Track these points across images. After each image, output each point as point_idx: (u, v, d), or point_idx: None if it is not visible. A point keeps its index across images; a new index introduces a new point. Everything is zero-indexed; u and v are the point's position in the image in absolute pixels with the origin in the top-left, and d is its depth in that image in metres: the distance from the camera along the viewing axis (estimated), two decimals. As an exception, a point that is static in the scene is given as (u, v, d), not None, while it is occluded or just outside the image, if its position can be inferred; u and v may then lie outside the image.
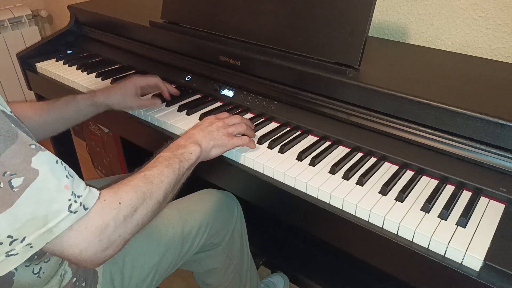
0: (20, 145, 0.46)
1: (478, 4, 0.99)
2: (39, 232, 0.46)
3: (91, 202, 0.51)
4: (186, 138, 0.73)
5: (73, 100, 0.89)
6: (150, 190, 0.59)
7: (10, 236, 0.45)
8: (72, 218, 0.48)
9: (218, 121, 0.78)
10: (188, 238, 0.87)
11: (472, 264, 0.57)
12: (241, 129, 0.80)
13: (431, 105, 0.72)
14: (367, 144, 0.79)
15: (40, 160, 0.47)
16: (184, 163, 0.68)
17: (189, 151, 0.70)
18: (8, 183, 0.44)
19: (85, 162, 1.99)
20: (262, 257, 1.39)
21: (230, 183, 0.87)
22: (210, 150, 0.74)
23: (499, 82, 0.83)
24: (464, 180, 0.69)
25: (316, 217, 0.73)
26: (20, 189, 0.45)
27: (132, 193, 0.57)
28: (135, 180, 0.59)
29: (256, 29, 0.95)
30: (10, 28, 2.05)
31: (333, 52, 0.85)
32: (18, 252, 0.46)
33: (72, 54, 1.34)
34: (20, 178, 0.45)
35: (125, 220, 0.54)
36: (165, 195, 0.62)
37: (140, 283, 0.80)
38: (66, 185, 0.49)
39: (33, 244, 0.47)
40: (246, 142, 0.79)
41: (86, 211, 0.50)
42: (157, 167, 0.64)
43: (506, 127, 0.66)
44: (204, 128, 0.76)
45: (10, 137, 0.46)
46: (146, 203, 0.58)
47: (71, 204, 0.48)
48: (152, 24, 1.15)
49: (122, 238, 0.54)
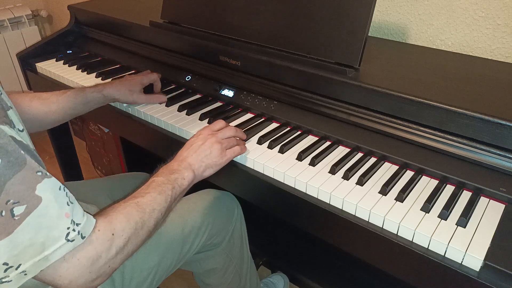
0: (27, 172, 0.46)
1: (478, 4, 0.99)
2: (35, 260, 0.46)
3: (88, 230, 0.51)
4: (179, 161, 0.72)
5: (82, 93, 0.91)
6: (143, 220, 0.59)
7: (5, 264, 0.45)
8: (68, 247, 0.48)
9: (211, 137, 0.76)
10: (188, 238, 0.87)
11: (472, 264, 0.57)
12: (233, 141, 0.79)
13: (431, 105, 0.72)
14: (367, 144, 0.79)
15: (44, 187, 0.47)
16: (177, 189, 0.68)
17: (182, 176, 0.70)
18: (10, 212, 0.44)
19: (85, 162, 1.98)
20: (262, 257, 1.39)
21: (230, 183, 0.87)
22: (202, 172, 0.74)
23: (499, 82, 0.83)
24: (464, 180, 0.69)
25: (316, 217, 0.73)
26: (21, 217, 0.45)
27: (125, 222, 0.56)
28: (128, 208, 0.59)
29: (256, 29, 0.95)
30: (10, 28, 2.05)
31: (333, 52, 0.85)
32: (11, 279, 0.46)
33: (72, 54, 1.34)
34: (23, 207, 0.45)
35: (116, 252, 0.54)
36: (156, 223, 0.62)
37: (141, 283, 0.80)
38: (67, 213, 0.49)
39: (27, 271, 0.47)
40: (238, 152, 0.78)
41: (83, 240, 0.50)
42: (150, 193, 0.63)
43: (506, 127, 0.66)
44: (197, 148, 0.74)
45: (19, 163, 0.46)
46: (137, 233, 0.58)
47: (69, 233, 0.48)
48: (152, 24, 1.15)
49: (111, 268, 0.54)
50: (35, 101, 0.87)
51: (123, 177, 1.08)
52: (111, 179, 1.05)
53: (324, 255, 1.36)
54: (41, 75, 1.27)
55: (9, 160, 0.45)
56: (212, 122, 0.91)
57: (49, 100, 0.88)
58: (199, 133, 0.78)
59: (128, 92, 0.96)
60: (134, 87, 0.97)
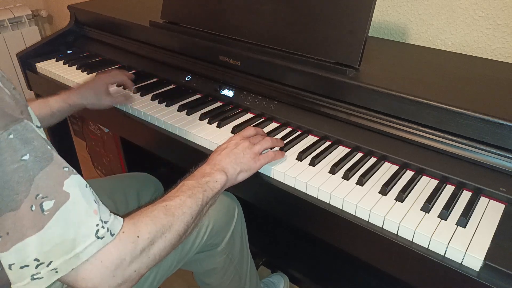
0: (54, 167, 0.46)
1: (478, 4, 0.99)
2: (66, 258, 0.46)
3: (117, 228, 0.50)
4: (212, 165, 0.70)
5: (46, 104, 0.89)
6: (171, 223, 0.57)
7: (36, 260, 0.45)
8: (98, 244, 0.47)
9: (244, 141, 0.75)
10: (188, 238, 0.87)
11: (472, 264, 0.57)
12: (267, 144, 0.77)
13: (431, 105, 0.72)
14: (367, 144, 0.79)
15: (72, 183, 0.47)
16: (209, 193, 0.65)
17: (215, 179, 0.67)
18: (40, 206, 0.44)
19: (85, 162, 1.98)
20: (262, 257, 1.39)
21: (230, 183, 0.87)
22: (236, 176, 0.71)
23: (499, 82, 0.83)
24: (464, 180, 0.69)
25: (316, 217, 0.73)
26: (51, 212, 0.45)
27: (151, 225, 0.54)
28: (156, 211, 0.57)
29: (256, 29, 0.95)
30: (10, 28, 2.05)
31: (333, 52, 0.85)
32: (43, 276, 0.46)
33: (72, 54, 1.34)
34: (51, 201, 0.45)
35: (141, 255, 0.52)
36: (186, 227, 0.60)
37: (141, 284, 0.80)
38: (95, 210, 0.48)
39: (58, 269, 0.46)
40: (272, 158, 0.76)
41: (112, 237, 0.49)
42: (180, 196, 0.61)
43: (506, 127, 0.66)
44: (230, 152, 0.72)
45: (46, 158, 0.46)
46: (165, 237, 0.55)
47: (99, 230, 0.47)
48: (152, 24, 1.15)
49: (137, 273, 0.52)
50: None
51: (123, 177, 1.08)
52: (111, 179, 1.05)
53: (324, 255, 1.36)
54: (41, 75, 1.27)
55: (36, 155, 0.45)
56: (212, 122, 0.91)
57: None
58: (230, 139, 0.77)
59: (95, 97, 0.94)
60: (99, 89, 0.95)
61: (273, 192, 0.77)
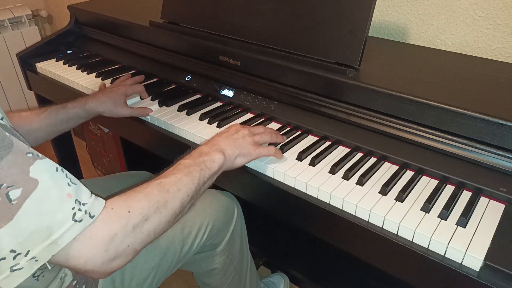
0: (16, 155, 0.45)
1: (478, 4, 0.99)
2: (44, 245, 0.45)
3: (97, 209, 0.49)
4: (210, 145, 0.70)
5: (63, 110, 0.89)
6: (165, 199, 0.57)
7: (13, 251, 0.44)
8: (77, 228, 0.46)
9: (244, 129, 0.75)
10: (188, 238, 0.87)
11: (472, 264, 0.57)
12: (267, 137, 0.77)
13: (431, 105, 0.72)
14: (367, 144, 0.79)
15: (39, 168, 0.46)
16: (205, 172, 0.65)
17: (212, 159, 0.67)
18: (6, 196, 0.43)
19: (85, 162, 1.98)
20: (262, 257, 1.39)
21: (229, 183, 0.86)
22: (234, 159, 0.71)
23: (499, 82, 0.83)
24: (464, 180, 0.69)
25: (316, 217, 0.73)
26: (19, 201, 0.43)
27: (144, 201, 0.54)
28: (149, 188, 0.57)
29: (256, 29, 0.95)
30: (10, 28, 2.05)
31: (333, 52, 0.85)
32: (23, 267, 0.45)
33: (72, 54, 1.34)
34: (18, 190, 0.43)
35: (134, 230, 0.52)
36: (181, 205, 0.59)
37: (141, 284, 0.80)
38: (69, 193, 0.47)
39: (38, 258, 0.45)
40: (272, 153, 0.76)
41: (92, 219, 0.48)
42: (175, 174, 0.61)
43: (506, 127, 0.66)
44: (230, 136, 0.73)
45: (5, 146, 0.44)
46: (159, 212, 0.55)
47: (75, 213, 0.46)
48: (152, 24, 1.15)
49: (131, 248, 0.52)
50: (15, 119, 0.83)
51: (123, 176, 1.08)
52: (111, 178, 1.05)
53: (324, 255, 1.36)
54: (41, 75, 1.27)
55: None
56: (212, 122, 0.91)
57: (29, 118, 0.85)
58: (231, 125, 0.78)
59: (112, 105, 0.93)
60: (118, 99, 0.94)
61: (273, 192, 0.77)
